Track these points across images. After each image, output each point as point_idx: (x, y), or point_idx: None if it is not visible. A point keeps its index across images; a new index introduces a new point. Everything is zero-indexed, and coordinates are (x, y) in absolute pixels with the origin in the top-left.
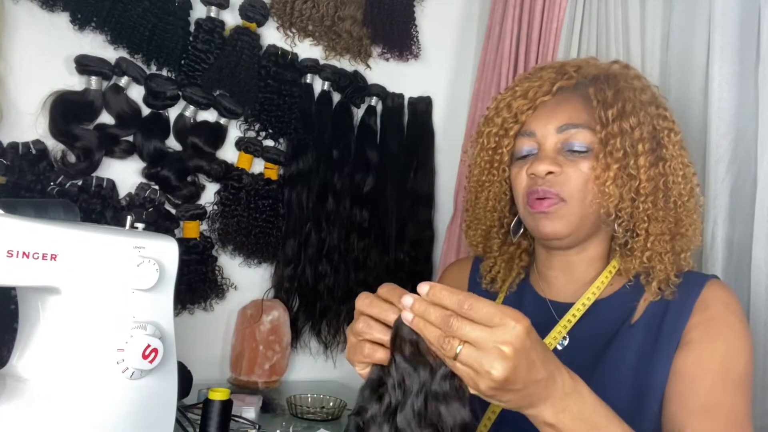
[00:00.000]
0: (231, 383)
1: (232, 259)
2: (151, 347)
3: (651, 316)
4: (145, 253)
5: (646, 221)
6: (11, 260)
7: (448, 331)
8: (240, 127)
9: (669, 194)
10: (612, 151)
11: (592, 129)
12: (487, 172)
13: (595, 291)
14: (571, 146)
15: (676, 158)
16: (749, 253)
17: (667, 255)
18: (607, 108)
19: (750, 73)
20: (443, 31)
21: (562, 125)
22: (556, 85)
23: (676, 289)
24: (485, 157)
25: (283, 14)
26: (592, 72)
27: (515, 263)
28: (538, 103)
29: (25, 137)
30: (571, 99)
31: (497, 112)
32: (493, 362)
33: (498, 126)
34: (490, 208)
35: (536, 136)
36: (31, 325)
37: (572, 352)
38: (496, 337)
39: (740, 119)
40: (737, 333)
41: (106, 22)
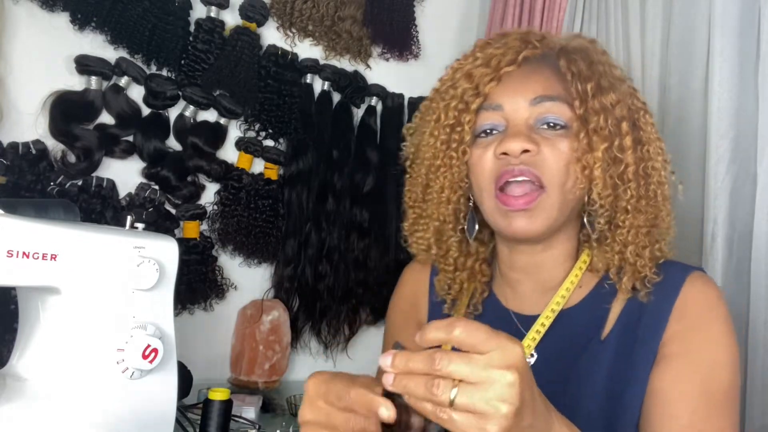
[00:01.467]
0: (231, 383)
1: (232, 259)
2: (151, 347)
3: (623, 327)
4: (145, 253)
5: (629, 211)
6: (11, 260)
7: (436, 371)
8: (240, 127)
9: (649, 181)
10: (596, 129)
11: (569, 104)
12: (442, 155)
13: (564, 294)
14: (547, 120)
15: (654, 141)
16: (749, 253)
17: (647, 249)
18: (584, 81)
19: (750, 73)
20: (443, 31)
21: (535, 97)
22: (522, 54)
23: (653, 288)
24: (441, 136)
25: (283, 14)
26: (557, 43)
27: (477, 279)
28: (503, 73)
29: (25, 137)
30: (541, 70)
31: (454, 84)
32: (501, 394)
33: (457, 99)
34: (444, 200)
35: (504, 110)
36: (31, 325)
37: (540, 369)
38: (497, 363)
39: (740, 119)
40: (720, 342)
41: (106, 22)
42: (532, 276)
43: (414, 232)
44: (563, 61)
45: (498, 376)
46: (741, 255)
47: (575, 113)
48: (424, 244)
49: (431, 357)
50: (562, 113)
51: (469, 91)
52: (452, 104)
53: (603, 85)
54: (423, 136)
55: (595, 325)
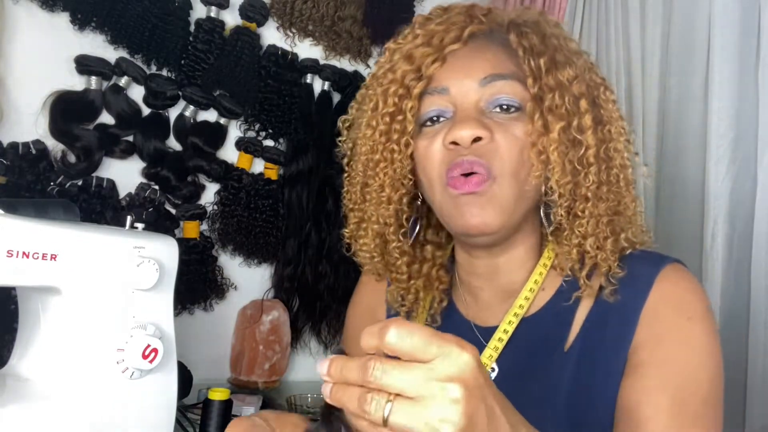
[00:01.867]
0: (231, 383)
1: (232, 259)
2: (151, 347)
3: (588, 334)
4: (145, 253)
5: (589, 199)
6: (11, 260)
7: (368, 383)
8: (240, 127)
9: (611, 165)
10: (551, 107)
11: (522, 82)
12: (382, 147)
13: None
14: (499, 101)
15: (615, 121)
16: (749, 253)
17: (608, 240)
18: (537, 57)
19: (750, 73)
20: None
21: (485, 76)
22: (467, 30)
23: (619, 286)
24: (380, 127)
25: (283, 14)
26: (505, 17)
27: (435, 287)
28: (447, 52)
29: (25, 137)
30: (489, 47)
31: (392, 67)
32: (442, 413)
33: (397, 83)
34: (384, 200)
35: (450, 93)
36: (32, 325)
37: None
38: (437, 373)
39: (740, 119)
40: (695, 347)
41: (106, 22)
42: (493, 282)
43: (357, 239)
44: (513, 35)
45: (439, 391)
46: (741, 255)
47: (529, 92)
48: (368, 252)
49: (365, 365)
50: (515, 93)
51: (409, 74)
52: (391, 89)
53: (558, 60)
54: (360, 128)
55: (558, 334)
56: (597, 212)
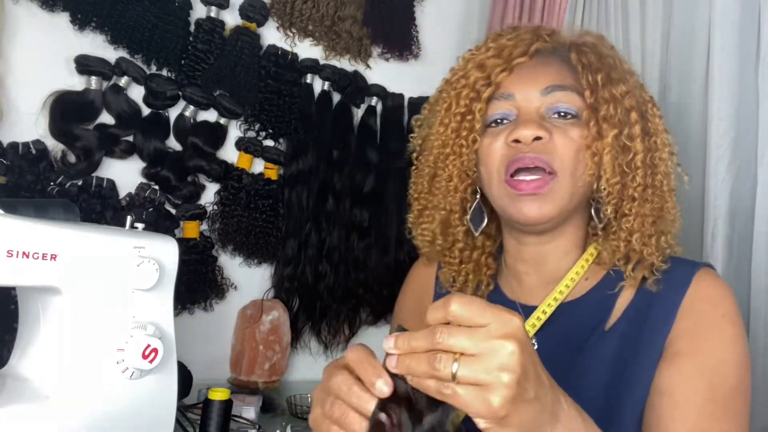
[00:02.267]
0: (231, 383)
1: (232, 259)
2: (151, 347)
3: (629, 321)
4: (145, 253)
5: (635, 199)
6: (11, 260)
7: (437, 346)
8: (240, 127)
9: (656, 171)
10: (606, 116)
11: (580, 93)
12: (452, 143)
13: (568, 283)
14: (558, 109)
15: (661, 133)
16: (749, 253)
17: (653, 237)
18: (594, 72)
19: (750, 73)
20: (443, 31)
21: (547, 86)
22: (533, 46)
23: (661, 276)
24: (452, 125)
25: (283, 14)
26: (567, 39)
27: (483, 272)
28: (515, 64)
29: (25, 137)
30: (551, 62)
31: (465, 73)
32: (502, 363)
33: (469, 87)
34: (452, 188)
35: (515, 99)
36: (32, 325)
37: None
38: (494, 333)
39: (740, 119)
40: (728, 341)
41: (106, 22)
42: (539, 268)
43: (419, 224)
44: (574, 53)
45: (498, 346)
46: (741, 255)
47: (585, 103)
48: (429, 236)
49: (432, 332)
50: (572, 102)
51: (480, 81)
52: (464, 93)
53: (613, 77)
54: (432, 127)
55: (599, 316)
56: (642, 212)
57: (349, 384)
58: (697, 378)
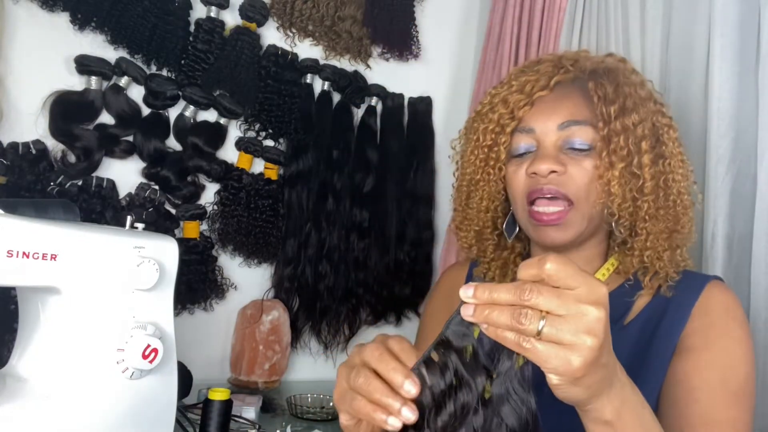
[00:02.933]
0: (231, 383)
1: (232, 259)
2: (151, 347)
3: (646, 319)
4: (145, 253)
5: (647, 220)
6: (11, 260)
7: (525, 302)
8: (240, 127)
9: (669, 192)
10: (616, 149)
11: (594, 126)
12: (481, 171)
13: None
14: (573, 144)
15: (676, 156)
16: (749, 253)
17: (666, 252)
18: (608, 104)
19: (750, 73)
20: (443, 31)
21: (563, 122)
22: (554, 79)
23: (675, 285)
24: (480, 155)
25: (283, 14)
26: (588, 66)
27: (509, 269)
28: (536, 98)
29: (25, 137)
30: (570, 94)
31: (492, 108)
32: (589, 327)
33: (494, 122)
34: (483, 209)
35: (535, 133)
36: (31, 325)
37: None
38: (584, 298)
39: (740, 119)
40: (738, 341)
41: (106, 22)
42: None
43: (459, 231)
44: (591, 83)
45: (586, 310)
46: (741, 255)
47: (599, 134)
48: (467, 243)
49: (520, 288)
50: (586, 137)
51: (505, 116)
52: (490, 128)
53: (627, 107)
54: (465, 152)
55: (618, 315)
56: (655, 230)
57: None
58: (709, 370)
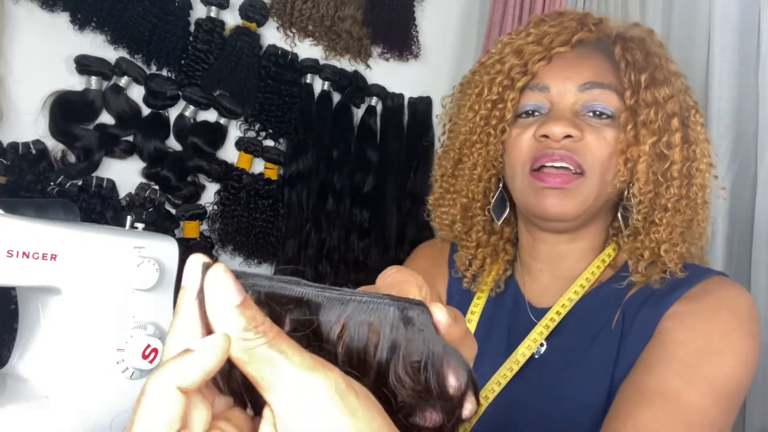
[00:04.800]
0: None
1: (232, 259)
2: (151, 347)
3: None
4: (145, 253)
5: (668, 210)
6: (11, 260)
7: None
8: (240, 127)
9: (692, 182)
10: (645, 122)
11: (619, 93)
12: (480, 131)
13: (583, 284)
14: (594, 107)
15: (702, 143)
16: (749, 253)
17: (678, 246)
18: (638, 72)
19: (750, 73)
20: (443, 31)
21: (585, 83)
22: (576, 36)
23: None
24: (482, 111)
25: (283, 14)
26: (614, 30)
27: (500, 257)
28: (554, 53)
29: (25, 137)
30: (594, 55)
31: (501, 58)
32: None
33: (504, 74)
34: (476, 177)
35: (550, 92)
36: (31, 325)
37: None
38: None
39: (740, 119)
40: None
41: (106, 22)
42: (553, 267)
43: (439, 207)
44: (619, 48)
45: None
46: (741, 255)
47: (625, 103)
48: (448, 220)
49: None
50: (610, 102)
51: (516, 68)
52: (497, 79)
53: (657, 78)
54: (461, 109)
55: (606, 315)
56: (674, 222)
57: None
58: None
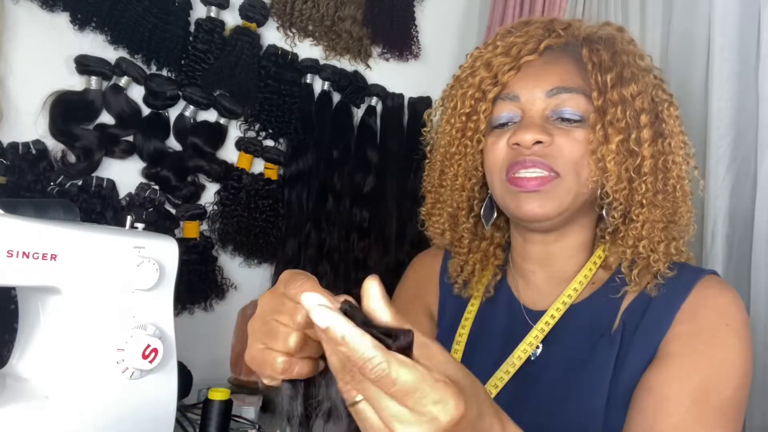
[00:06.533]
0: (231, 383)
1: (232, 259)
2: (151, 347)
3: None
4: (145, 253)
5: (644, 205)
6: (11, 260)
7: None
8: (240, 127)
9: (668, 175)
10: (612, 121)
11: (587, 95)
12: (457, 143)
13: (577, 287)
14: (562, 113)
15: (676, 135)
16: (749, 253)
17: (662, 244)
18: (604, 72)
19: (750, 73)
20: (443, 31)
21: (552, 89)
22: (543, 43)
23: (663, 282)
24: (457, 124)
25: (283, 14)
26: (583, 32)
27: (490, 262)
28: (523, 62)
29: (25, 137)
30: (561, 60)
31: (473, 72)
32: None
33: (474, 87)
34: (458, 187)
35: (520, 101)
36: (31, 325)
37: (546, 362)
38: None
39: (740, 119)
40: (729, 349)
41: (106, 22)
42: (545, 268)
43: (430, 216)
44: (585, 50)
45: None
46: (741, 255)
47: (593, 105)
48: (439, 229)
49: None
50: (578, 106)
51: (487, 80)
52: (469, 93)
53: (624, 76)
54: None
55: (605, 320)
56: (652, 218)
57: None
58: (687, 378)
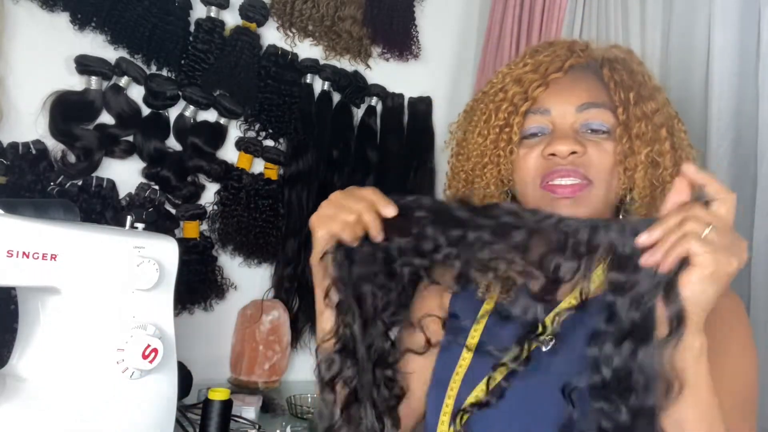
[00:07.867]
0: (231, 383)
1: (232, 259)
2: (151, 347)
3: None
4: (145, 253)
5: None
6: (11, 260)
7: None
8: (240, 127)
9: None
10: (639, 134)
11: (612, 110)
12: (490, 153)
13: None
14: (591, 125)
15: (686, 148)
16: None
17: None
18: (626, 90)
19: (750, 74)
20: (443, 31)
21: (582, 104)
22: (567, 62)
23: None
24: (491, 136)
25: (283, 14)
26: (599, 53)
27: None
28: (550, 79)
29: (25, 137)
30: (585, 78)
31: (504, 87)
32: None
33: (507, 101)
34: (489, 195)
35: (551, 114)
36: (31, 325)
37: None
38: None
39: (740, 119)
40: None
41: (106, 22)
42: None
43: None
44: (606, 70)
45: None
46: None
47: (618, 119)
48: None
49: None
50: (605, 119)
51: (518, 95)
52: (503, 106)
53: (643, 94)
54: (468, 134)
55: None
56: None
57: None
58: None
